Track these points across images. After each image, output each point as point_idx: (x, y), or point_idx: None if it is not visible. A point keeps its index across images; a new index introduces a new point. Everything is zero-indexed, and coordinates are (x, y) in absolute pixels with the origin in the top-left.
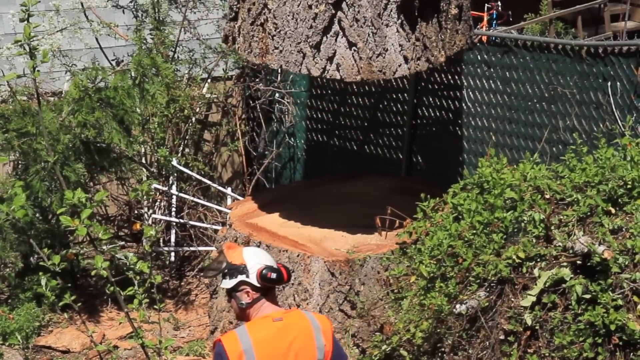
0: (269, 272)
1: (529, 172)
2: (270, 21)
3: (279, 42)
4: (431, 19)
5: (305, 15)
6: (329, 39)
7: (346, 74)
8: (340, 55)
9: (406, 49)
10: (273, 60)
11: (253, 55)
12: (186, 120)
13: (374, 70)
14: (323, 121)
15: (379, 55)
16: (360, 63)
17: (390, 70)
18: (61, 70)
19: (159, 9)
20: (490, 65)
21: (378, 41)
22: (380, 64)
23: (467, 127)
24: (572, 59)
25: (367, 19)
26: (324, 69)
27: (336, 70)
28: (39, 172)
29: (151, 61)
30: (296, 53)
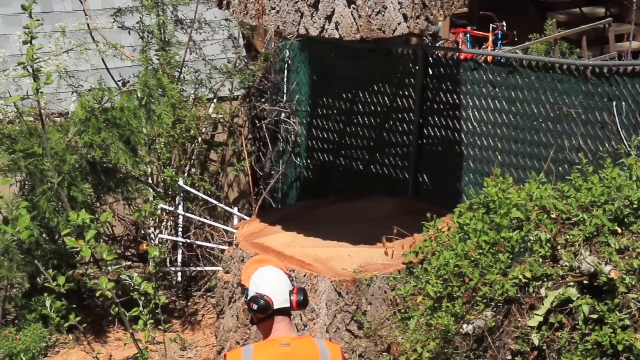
0: (252, 302)
1: (534, 192)
2: None
3: (275, 1)
4: None
5: None
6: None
7: (345, 33)
8: (339, 13)
9: (405, 7)
10: (270, 21)
11: (249, 17)
12: (192, 140)
13: (374, 28)
14: (329, 141)
15: (378, 13)
16: (360, 21)
17: (390, 29)
18: (67, 91)
19: (165, 30)
20: (496, 85)
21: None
22: (379, 22)
23: (472, 146)
24: (577, 79)
25: None
26: (322, 28)
27: (335, 29)
28: (45, 193)
29: (157, 82)
30: (293, 13)
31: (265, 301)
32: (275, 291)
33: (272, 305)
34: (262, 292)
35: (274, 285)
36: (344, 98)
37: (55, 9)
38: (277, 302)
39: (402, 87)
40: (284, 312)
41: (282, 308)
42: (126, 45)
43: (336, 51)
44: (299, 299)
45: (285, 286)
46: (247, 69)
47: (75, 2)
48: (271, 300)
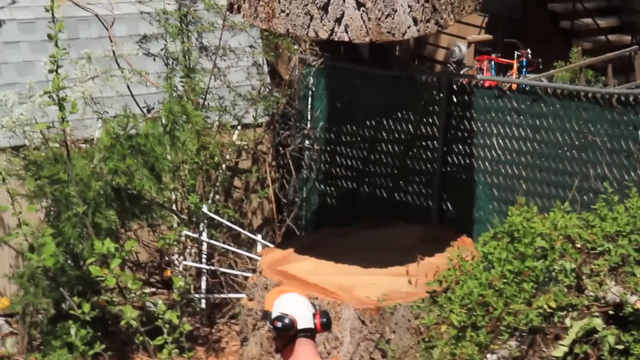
0: (276, 321)
1: (559, 221)
2: None
3: (285, 4)
4: None
5: None
6: (337, 0)
7: (355, 36)
8: (348, 16)
9: (415, 10)
10: (279, 25)
11: (259, 20)
12: (216, 167)
13: (383, 31)
14: (353, 168)
15: (388, 16)
16: (369, 24)
17: (399, 32)
18: (93, 118)
19: (190, 56)
20: (520, 113)
21: (387, 1)
22: (389, 25)
23: (497, 174)
24: (602, 107)
25: None
26: (332, 31)
27: (344, 32)
28: (70, 219)
29: (182, 108)
30: (303, 15)
31: (290, 320)
32: (300, 312)
33: (296, 325)
34: (286, 312)
35: (297, 307)
36: (368, 125)
37: (81, 35)
38: (301, 322)
39: (426, 114)
40: (308, 334)
41: (306, 329)
42: (151, 72)
43: (360, 78)
44: (322, 321)
45: (309, 309)
46: (272, 96)
47: (101, 28)
48: (295, 320)
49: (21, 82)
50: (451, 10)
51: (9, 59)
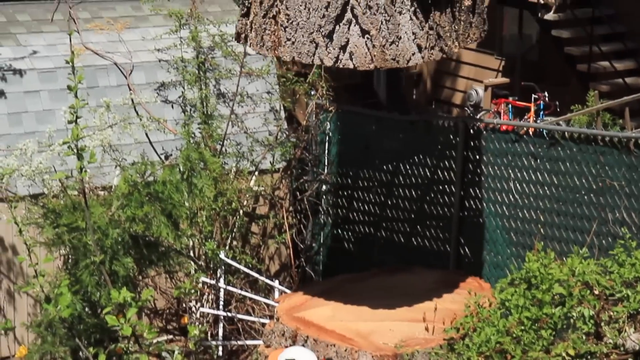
0: None
1: (577, 267)
2: (283, 12)
3: (291, 33)
4: (444, 8)
5: (318, 5)
6: (342, 28)
7: (359, 63)
8: (353, 43)
9: (420, 37)
10: (285, 53)
11: (265, 48)
12: (234, 213)
13: (388, 58)
14: (370, 213)
15: (393, 43)
16: (374, 51)
17: (404, 59)
18: (111, 165)
19: (207, 103)
20: (537, 157)
21: (391, 29)
22: (393, 52)
23: (514, 219)
24: (620, 151)
25: (380, 6)
26: (336, 59)
27: (349, 59)
28: (88, 267)
29: (199, 155)
30: (308, 43)
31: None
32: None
33: None
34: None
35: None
36: (385, 170)
37: (100, 84)
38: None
39: (443, 159)
40: None
41: None
42: (169, 119)
43: (377, 123)
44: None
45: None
46: (289, 141)
47: (120, 76)
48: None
49: (41, 130)
50: (456, 38)
51: (29, 107)
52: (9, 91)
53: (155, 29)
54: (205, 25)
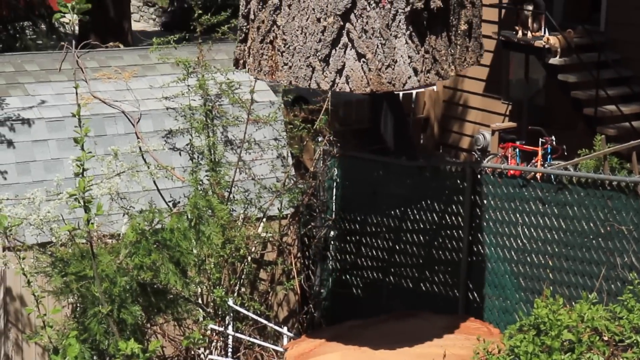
0: None
1: (586, 313)
2: (280, 37)
3: (288, 57)
4: (440, 32)
5: (314, 29)
6: (338, 51)
7: (355, 86)
8: (349, 67)
9: (415, 61)
10: (282, 77)
11: (263, 73)
12: (242, 260)
13: (383, 82)
14: (378, 258)
15: (388, 67)
16: (370, 74)
17: (400, 82)
18: (119, 213)
19: (215, 150)
20: (545, 202)
21: (387, 52)
22: (389, 75)
23: (523, 264)
24: (627, 196)
25: (376, 30)
26: (333, 82)
27: (345, 83)
28: (96, 315)
29: (207, 203)
30: (305, 68)
31: None
32: None
33: None
34: None
35: None
36: (393, 215)
37: (108, 132)
38: None
39: (451, 204)
40: None
41: None
42: (177, 166)
43: (384, 169)
44: None
45: None
46: (296, 188)
47: (128, 125)
48: None
49: (49, 179)
50: (452, 62)
51: (37, 157)
52: (17, 141)
53: (163, 77)
54: (213, 73)
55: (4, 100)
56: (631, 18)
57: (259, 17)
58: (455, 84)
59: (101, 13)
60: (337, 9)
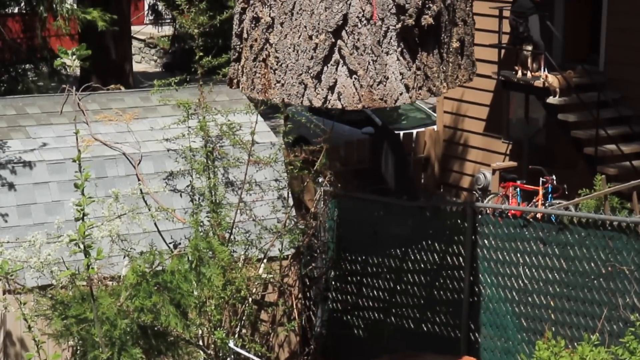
0: None
1: (588, 355)
2: (272, 55)
3: (280, 75)
4: (432, 49)
5: (306, 46)
6: (330, 68)
7: (347, 103)
8: (341, 84)
9: (407, 77)
10: (275, 95)
11: (256, 91)
12: (243, 301)
13: (375, 98)
14: (379, 299)
15: (380, 83)
16: (361, 91)
17: (392, 99)
18: (119, 255)
19: (216, 191)
20: (546, 243)
21: (378, 69)
22: (381, 92)
23: (524, 304)
24: (628, 236)
25: (367, 46)
26: (325, 99)
27: (337, 100)
28: (97, 359)
29: (208, 244)
30: (297, 85)
31: None
32: None
33: None
34: None
35: None
36: (394, 256)
37: (108, 174)
38: None
39: (451, 244)
40: None
41: None
42: (178, 208)
43: (385, 209)
44: None
45: None
46: (297, 228)
47: (128, 166)
48: None
49: (50, 221)
50: (444, 79)
51: (38, 199)
52: (18, 183)
53: (164, 119)
54: (213, 115)
55: (5, 142)
56: (630, 58)
57: (252, 35)
58: (455, 123)
59: (103, 55)
60: (328, 26)
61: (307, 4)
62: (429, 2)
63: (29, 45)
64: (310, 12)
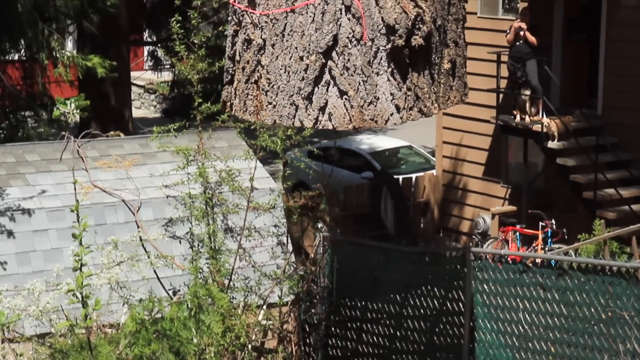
0: None
1: None
2: (264, 77)
3: (272, 97)
4: (423, 70)
5: (297, 67)
6: (320, 89)
7: (338, 123)
8: (331, 104)
9: (397, 97)
10: (267, 116)
11: (248, 113)
12: (242, 349)
13: (366, 118)
14: (379, 345)
15: (370, 104)
16: (352, 111)
17: (382, 119)
18: (119, 303)
19: (215, 238)
20: (546, 288)
21: (369, 89)
22: (371, 112)
23: (525, 350)
24: (628, 282)
25: (357, 67)
26: (316, 120)
27: (328, 120)
28: None
29: (207, 291)
30: (289, 106)
31: None
32: None
33: None
34: None
35: None
36: (393, 301)
37: (108, 221)
38: None
39: (451, 289)
40: None
41: None
42: (177, 255)
43: (385, 254)
44: None
45: None
46: (296, 274)
47: (128, 213)
48: None
49: (49, 269)
50: (435, 100)
51: (37, 247)
52: (18, 231)
53: (163, 165)
54: (213, 161)
55: (4, 190)
56: (628, 102)
57: (244, 57)
58: (454, 167)
59: (102, 101)
60: (319, 47)
61: (298, 25)
62: (419, 22)
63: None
64: (301, 33)
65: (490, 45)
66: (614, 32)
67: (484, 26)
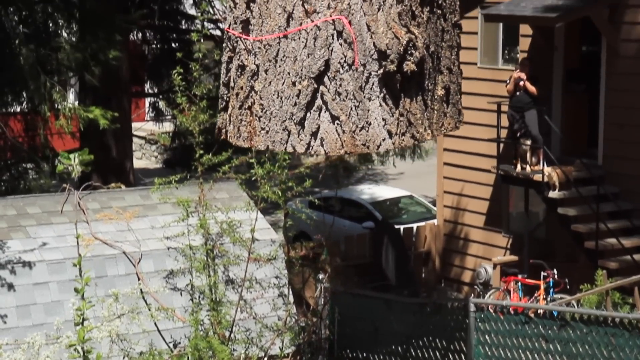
0: None
1: None
2: (257, 103)
3: (265, 122)
4: (415, 96)
5: (290, 93)
6: (312, 114)
7: (330, 149)
8: (323, 129)
9: (390, 123)
10: (260, 142)
11: (242, 139)
12: None
13: (358, 144)
14: None
15: (362, 129)
16: (344, 137)
17: (374, 144)
18: (119, 355)
19: (216, 289)
20: (548, 340)
21: (361, 114)
22: (363, 137)
23: None
24: (631, 333)
25: (349, 92)
26: (308, 145)
27: (320, 146)
28: None
29: (207, 344)
30: (282, 132)
31: None
32: None
33: None
34: None
35: None
36: (395, 352)
37: (108, 273)
38: None
39: (453, 341)
40: None
41: None
42: (178, 306)
43: (386, 305)
44: None
45: None
46: (298, 326)
47: (129, 265)
48: None
49: (49, 322)
50: (428, 126)
51: (37, 299)
52: (18, 284)
53: (164, 217)
54: (214, 212)
55: (5, 243)
56: (628, 152)
57: (238, 83)
58: (455, 217)
59: (103, 152)
60: (311, 72)
61: (290, 50)
62: (411, 48)
63: (31, 144)
64: (294, 59)
65: (490, 95)
66: (614, 83)
67: (484, 76)
